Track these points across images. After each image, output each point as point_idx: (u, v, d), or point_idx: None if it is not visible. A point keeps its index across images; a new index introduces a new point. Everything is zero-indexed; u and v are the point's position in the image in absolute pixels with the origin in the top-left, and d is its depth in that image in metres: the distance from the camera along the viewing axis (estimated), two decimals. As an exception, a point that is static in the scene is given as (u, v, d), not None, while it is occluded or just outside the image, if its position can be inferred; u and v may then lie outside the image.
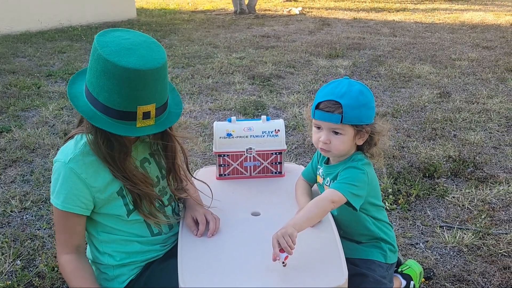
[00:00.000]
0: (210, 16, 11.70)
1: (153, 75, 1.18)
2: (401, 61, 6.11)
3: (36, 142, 3.53)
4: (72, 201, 1.29)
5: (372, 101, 1.41)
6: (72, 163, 1.28)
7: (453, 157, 3.19)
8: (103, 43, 1.18)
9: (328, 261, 1.27)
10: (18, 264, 2.15)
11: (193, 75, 5.53)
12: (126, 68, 1.14)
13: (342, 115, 1.34)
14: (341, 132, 1.38)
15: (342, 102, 1.34)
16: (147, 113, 1.21)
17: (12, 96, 4.66)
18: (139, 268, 1.44)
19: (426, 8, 12.59)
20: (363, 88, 1.39)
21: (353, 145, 1.44)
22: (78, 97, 1.25)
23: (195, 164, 3.08)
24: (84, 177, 1.29)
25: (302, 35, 8.40)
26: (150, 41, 1.24)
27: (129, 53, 1.16)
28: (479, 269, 2.08)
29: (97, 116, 1.21)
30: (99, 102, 1.21)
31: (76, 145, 1.32)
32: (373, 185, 1.48)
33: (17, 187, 2.87)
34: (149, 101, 1.21)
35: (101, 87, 1.19)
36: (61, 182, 1.29)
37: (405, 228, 2.42)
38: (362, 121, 1.37)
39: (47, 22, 9.24)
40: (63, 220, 1.33)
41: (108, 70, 1.16)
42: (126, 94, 1.18)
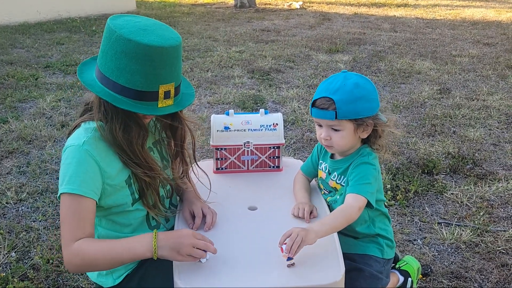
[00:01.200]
0: (210, 9, 11.63)
1: (173, 52, 1.19)
2: (401, 57, 6.08)
3: (33, 133, 3.50)
4: (88, 185, 1.22)
5: (372, 92, 1.37)
6: (86, 145, 1.24)
7: (452, 154, 3.17)
8: (119, 25, 1.18)
9: (325, 256, 1.26)
10: (13, 256, 2.13)
11: (192, 68, 5.50)
12: (150, 45, 1.15)
13: (336, 111, 1.32)
14: (339, 128, 1.36)
15: (335, 98, 1.32)
16: (168, 92, 1.23)
17: (10, 87, 4.63)
18: (135, 263, 1.42)
19: (427, 4, 12.53)
20: (360, 81, 1.36)
21: (357, 138, 1.41)
22: (92, 84, 1.24)
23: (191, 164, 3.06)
24: (99, 160, 1.25)
25: (302, 30, 8.35)
26: (161, 23, 1.26)
27: (146, 33, 1.17)
28: (477, 266, 2.07)
29: (118, 99, 1.21)
30: (118, 85, 1.20)
31: (86, 131, 1.29)
32: (379, 179, 1.47)
33: (13, 179, 2.85)
34: (169, 80, 1.22)
35: (122, 69, 1.18)
36: (75, 166, 1.22)
37: (403, 224, 2.41)
38: (360, 114, 1.34)
39: (46, 13, 9.17)
40: (76, 208, 1.22)
41: (130, 50, 1.16)
42: (149, 73, 1.18)
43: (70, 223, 1.23)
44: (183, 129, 1.42)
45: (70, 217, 1.23)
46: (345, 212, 1.33)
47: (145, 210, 1.39)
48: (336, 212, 1.34)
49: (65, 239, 1.22)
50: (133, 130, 1.27)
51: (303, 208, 1.42)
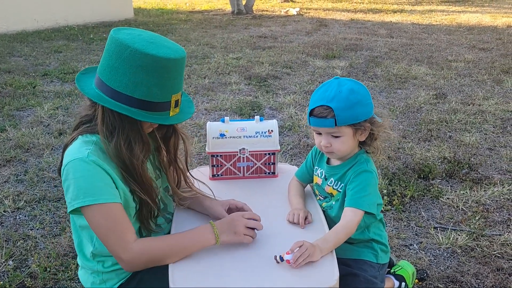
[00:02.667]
0: (207, 16, 11.70)
1: (183, 63, 1.25)
2: (397, 62, 6.12)
3: (30, 141, 3.51)
4: (106, 191, 1.22)
5: (367, 96, 1.39)
6: (92, 156, 1.23)
7: (448, 158, 3.19)
8: (129, 40, 1.19)
9: (319, 261, 1.27)
10: (10, 265, 2.14)
11: (190, 75, 5.52)
12: (167, 58, 1.19)
13: (335, 118, 1.34)
14: (338, 135, 1.38)
15: (333, 106, 1.33)
16: (177, 101, 1.28)
17: (7, 96, 4.64)
18: (129, 273, 1.43)
19: (423, 9, 12.62)
20: (354, 86, 1.37)
21: (356, 142, 1.43)
22: (103, 100, 1.23)
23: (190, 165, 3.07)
24: (106, 168, 1.24)
25: (299, 36, 8.40)
26: (159, 35, 1.29)
27: (156, 46, 1.20)
28: (473, 270, 2.08)
29: (134, 112, 1.22)
30: (134, 98, 1.21)
31: (87, 144, 1.27)
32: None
33: (11, 187, 2.86)
34: (179, 89, 1.28)
35: (137, 83, 1.20)
36: (88, 177, 1.21)
37: (399, 229, 2.42)
38: (358, 119, 1.37)
39: (44, 22, 9.22)
40: (111, 215, 1.22)
41: (147, 63, 1.18)
42: (165, 84, 1.22)
43: (115, 231, 1.23)
44: (176, 138, 1.44)
45: (112, 225, 1.23)
46: (346, 229, 1.35)
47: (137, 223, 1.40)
48: (338, 228, 1.35)
49: (119, 246, 1.23)
50: (136, 145, 1.27)
51: (298, 214, 1.43)
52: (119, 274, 1.40)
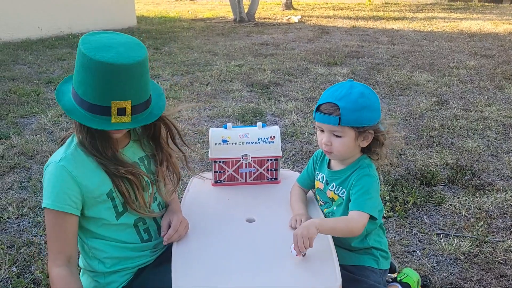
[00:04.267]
0: (209, 24, 11.77)
1: (127, 71, 1.20)
2: (399, 69, 6.14)
3: (34, 148, 3.53)
4: (63, 199, 1.29)
5: (375, 103, 1.41)
6: (63, 161, 1.30)
7: (451, 165, 3.19)
8: (86, 40, 1.24)
9: (322, 267, 1.27)
10: (14, 271, 2.14)
11: (192, 82, 5.55)
12: (100, 62, 1.18)
13: (340, 117, 1.35)
14: (340, 135, 1.39)
15: (340, 105, 1.35)
16: (122, 109, 1.24)
17: (12, 103, 4.67)
18: (131, 274, 1.44)
19: (425, 16, 12.67)
20: (366, 91, 1.39)
21: (357, 147, 1.43)
22: (65, 93, 1.30)
23: (192, 171, 3.08)
24: (75, 175, 1.30)
25: (301, 43, 8.44)
26: (134, 42, 1.28)
27: (107, 49, 1.21)
28: (476, 277, 2.08)
29: (75, 110, 1.26)
30: (78, 96, 1.26)
31: (67, 147, 1.36)
32: None
33: (15, 194, 2.87)
34: (123, 97, 1.23)
35: (80, 81, 1.24)
36: (52, 182, 1.30)
37: (402, 236, 2.41)
38: (362, 123, 1.37)
39: (48, 30, 9.29)
40: (55, 223, 1.31)
41: (85, 64, 1.21)
42: (101, 88, 1.21)
43: (52, 242, 1.33)
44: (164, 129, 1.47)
45: (51, 235, 1.33)
46: (348, 222, 1.36)
47: (132, 223, 1.41)
48: (340, 218, 1.39)
49: (49, 259, 1.34)
50: (96, 138, 1.32)
51: (300, 220, 1.44)
52: (121, 276, 1.41)
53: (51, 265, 1.33)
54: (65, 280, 1.31)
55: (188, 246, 1.39)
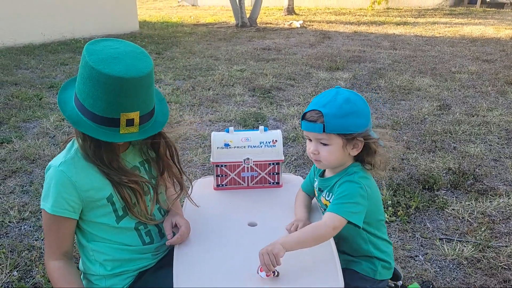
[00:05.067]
0: (211, 29, 11.81)
1: (136, 83, 1.20)
2: (401, 74, 6.14)
3: (36, 153, 3.53)
4: (60, 204, 1.30)
5: (363, 109, 1.35)
6: (62, 166, 1.31)
7: (453, 169, 3.18)
8: (91, 51, 1.22)
9: (324, 272, 1.26)
10: (15, 275, 2.14)
11: (194, 87, 5.57)
12: (110, 75, 1.17)
13: (324, 124, 1.31)
14: (327, 143, 1.34)
15: (324, 111, 1.31)
16: (131, 120, 1.24)
17: (14, 107, 4.69)
18: (132, 278, 1.43)
19: (426, 21, 12.69)
20: (352, 96, 1.34)
21: (346, 155, 1.38)
22: (67, 102, 1.29)
23: (194, 175, 3.08)
24: (74, 180, 1.30)
25: (302, 48, 8.46)
26: (139, 51, 1.27)
27: (115, 61, 1.19)
28: (479, 282, 2.06)
29: (82, 121, 1.25)
30: (85, 107, 1.24)
31: (68, 151, 1.36)
32: (374, 200, 1.41)
33: (16, 198, 2.87)
34: (132, 109, 1.23)
35: (87, 93, 1.22)
36: (51, 186, 1.31)
37: (405, 241, 2.40)
38: (348, 130, 1.32)
39: (50, 35, 9.34)
40: (52, 224, 1.34)
41: (93, 77, 1.19)
42: (110, 101, 1.20)
43: (48, 240, 1.37)
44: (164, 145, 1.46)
45: (48, 234, 1.37)
46: (315, 229, 1.30)
47: (133, 227, 1.41)
48: (307, 227, 1.32)
49: (46, 252, 1.39)
50: (102, 148, 1.32)
51: (296, 225, 1.42)
52: (123, 279, 1.41)
53: (47, 259, 1.38)
54: (61, 270, 1.36)
55: (189, 249, 1.38)
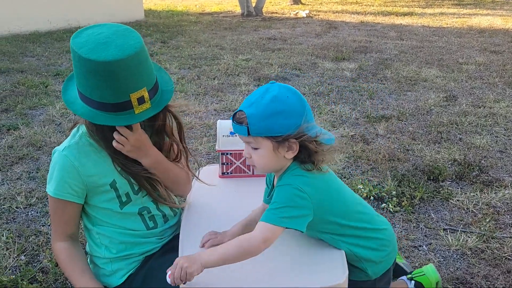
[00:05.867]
0: (217, 18, 11.75)
1: (134, 60, 1.19)
2: (407, 65, 6.10)
3: (42, 140, 3.56)
4: (63, 188, 1.33)
5: (294, 107, 1.20)
6: (66, 151, 1.33)
7: (458, 161, 3.17)
8: (79, 44, 1.20)
9: (328, 260, 1.27)
10: (22, 259, 2.17)
11: (199, 76, 5.56)
12: (107, 61, 1.15)
13: (248, 126, 1.19)
14: (255, 146, 1.23)
15: (247, 112, 1.19)
16: (141, 98, 1.24)
17: (20, 95, 4.71)
18: (138, 262, 1.45)
19: (434, 12, 12.56)
20: (282, 94, 1.19)
21: (281, 158, 1.23)
22: (74, 102, 1.28)
23: (199, 164, 3.09)
24: (77, 165, 1.32)
25: (308, 38, 8.41)
26: (123, 29, 1.24)
27: (105, 46, 1.18)
28: (483, 272, 2.07)
29: (96, 115, 1.24)
30: (94, 101, 1.23)
31: (73, 137, 1.38)
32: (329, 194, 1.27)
33: (23, 184, 2.90)
34: (139, 87, 1.23)
35: (91, 86, 1.21)
36: (54, 170, 1.34)
37: (409, 231, 2.41)
38: (274, 132, 1.18)
39: (56, 23, 9.33)
40: (57, 208, 1.38)
41: (92, 68, 1.17)
42: (116, 86, 1.20)
43: (54, 222, 1.43)
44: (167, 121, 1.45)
45: (53, 217, 1.42)
46: (241, 242, 1.18)
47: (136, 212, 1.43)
48: (233, 241, 1.20)
49: (51, 235, 1.45)
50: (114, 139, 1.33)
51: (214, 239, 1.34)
52: (129, 263, 1.43)
53: (54, 240, 1.43)
54: (67, 251, 1.39)
55: (195, 236, 1.39)
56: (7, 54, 6.81)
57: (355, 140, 3.57)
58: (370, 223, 1.37)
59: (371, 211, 1.42)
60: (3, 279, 2.01)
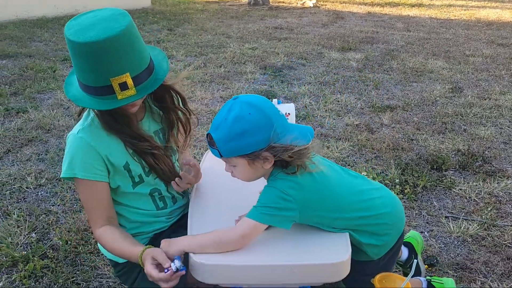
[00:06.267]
0: (224, 6, 11.71)
1: (112, 44, 1.16)
2: (414, 56, 6.09)
3: (51, 123, 3.61)
4: (89, 169, 1.33)
5: (258, 124, 1.18)
6: (81, 133, 1.34)
7: (462, 151, 3.20)
8: (69, 25, 1.21)
9: (332, 238, 1.31)
10: (34, 237, 2.23)
11: (206, 63, 5.58)
12: (85, 42, 1.15)
13: (218, 149, 1.22)
14: (232, 164, 1.26)
15: (214, 137, 1.21)
16: (123, 84, 1.20)
17: (29, 79, 4.76)
18: (147, 240, 1.50)
19: (442, 4, 12.45)
20: (244, 112, 1.18)
21: (260, 169, 1.26)
22: (71, 84, 1.30)
23: (206, 149, 3.14)
24: (94, 145, 1.33)
25: (315, 28, 8.38)
26: (118, 13, 1.23)
27: (91, 28, 1.17)
28: (483, 259, 2.11)
29: (83, 97, 1.26)
30: (81, 83, 1.25)
31: (85, 119, 1.39)
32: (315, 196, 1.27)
33: (33, 165, 2.95)
34: (120, 72, 1.19)
35: (78, 68, 1.22)
36: (73, 153, 1.33)
37: (411, 217, 2.45)
38: (244, 150, 1.20)
39: (64, 8, 9.34)
40: (87, 191, 1.36)
41: (74, 49, 1.18)
42: (96, 69, 1.18)
43: (89, 210, 1.39)
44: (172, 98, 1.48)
45: (85, 201, 1.39)
46: (220, 236, 1.23)
47: (147, 192, 1.47)
48: (213, 232, 1.24)
49: (91, 223, 1.40)
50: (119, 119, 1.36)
51: None
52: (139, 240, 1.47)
53: (94, 229, 1.39)
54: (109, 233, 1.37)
55: (203, 215, 1.43)
56: (15, 38, 6.84)
57: (360, 129, 3.60)
58: (369, 210, 1.35)
59: (372, 195, 1.39)
60: (15, 254, 2.07)
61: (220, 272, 1.23)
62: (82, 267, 2.04)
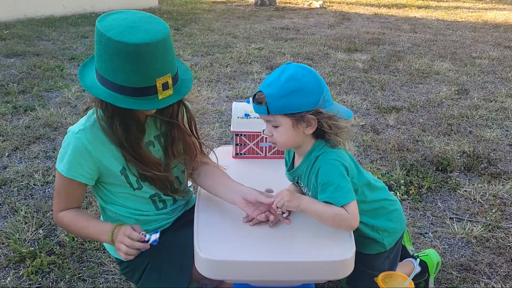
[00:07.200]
0: (230, 6, 11.74)
1: (162, 45, 1.21)
2: (420, 57, 6.08)
3: (58, 121, 3.64)
4: (76, 169, 1.36)
5: (311, 85, 1.25)
6: (80, 134, 1.35)
7: (468, 153, 3.19)
8: (106, 27, 1.20)
9: (336, 235, 1.33)
10: (41, 233, 2.26)
11: (212, 63, 5.60)
12: (138, 44, 1.16)
13: (267, 105, 1.25)
14: (275, 124, 1.29)
15: (266, 92, 1.26)
16: (166, 84, 1.25)
17: (36, 77, 4.80)
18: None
19: (449, 5, 12.41)
20: (298, 73, 1.24)
21: (301, 134, 1.30)
22: (93, 86, 1.28)
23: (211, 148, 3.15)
24: (90, 149, 1.35)
25: (321, 29, 8.38)
26: (148, 16, 1.27)
27: (133, 30, 1.19)
28: (487, 260, 2.11)
29: (119, 98, 1.24)
30: (116, 84, 1.23)
31: (88, 119, 1.39)
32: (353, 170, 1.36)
33: (40, 162, 2.99)
34: (165, 72, 1.24)
35: (116, 69, 1.21)
36: (67, 150, 1.35)
37: (415, 218, 2.45)
38: (293, 109, 1.24)
39: (71, 8, 9.40)
40: (65, 186, 1.41)
41: (120, 51, 1.17)
42: (143, 70, 1.20)
43: (58, 198, 1.45)
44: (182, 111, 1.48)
45: (59, 193, 1.45)
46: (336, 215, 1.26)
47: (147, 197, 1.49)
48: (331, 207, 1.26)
49: (53, 209, 1.49)
50: (131, 128, 1.35)
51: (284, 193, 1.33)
52: None
53: (55, 212, 1.46)
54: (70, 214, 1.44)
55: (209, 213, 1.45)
56: (23, 37, 6.90)
57: (365, 129, 3.60)
58: (388, 195, 1.49)
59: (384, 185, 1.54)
60: (22, 250, 2.10)
61: (226, 268, 1.25)
62: (88, 263, 2.06)
